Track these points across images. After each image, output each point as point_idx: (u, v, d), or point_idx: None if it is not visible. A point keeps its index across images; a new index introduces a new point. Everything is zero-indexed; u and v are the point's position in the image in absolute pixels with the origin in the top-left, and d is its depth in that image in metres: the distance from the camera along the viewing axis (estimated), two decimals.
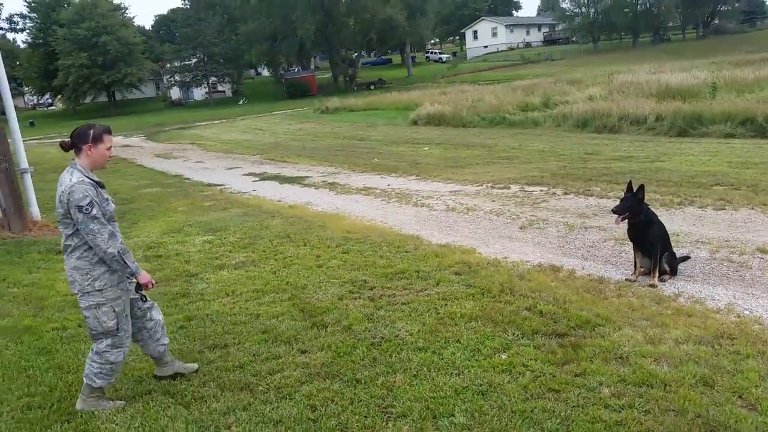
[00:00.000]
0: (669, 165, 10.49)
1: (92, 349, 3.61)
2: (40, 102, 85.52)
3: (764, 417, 2.89)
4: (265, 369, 3.86)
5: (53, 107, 79.51)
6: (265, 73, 79.64)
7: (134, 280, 3.62)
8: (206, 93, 64.13)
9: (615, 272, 5.43)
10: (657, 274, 5.00)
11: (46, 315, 5.25)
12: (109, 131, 3.64)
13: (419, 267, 5.91)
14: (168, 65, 65.33)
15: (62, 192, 3.39)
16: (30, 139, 36.71)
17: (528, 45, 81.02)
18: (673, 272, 5.11)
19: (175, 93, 67.46)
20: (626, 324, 4.15)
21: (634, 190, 5.11)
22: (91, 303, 3.49)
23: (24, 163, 8.65)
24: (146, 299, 3.78)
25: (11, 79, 73.01)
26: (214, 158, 19.03)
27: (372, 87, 56.97)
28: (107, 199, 3.58)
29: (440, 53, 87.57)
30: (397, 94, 39.69)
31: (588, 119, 17.94)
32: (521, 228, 7.36)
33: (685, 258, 5.44)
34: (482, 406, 3.18)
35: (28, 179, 8.72)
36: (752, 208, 7.15)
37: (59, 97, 68.66)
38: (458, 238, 7.05)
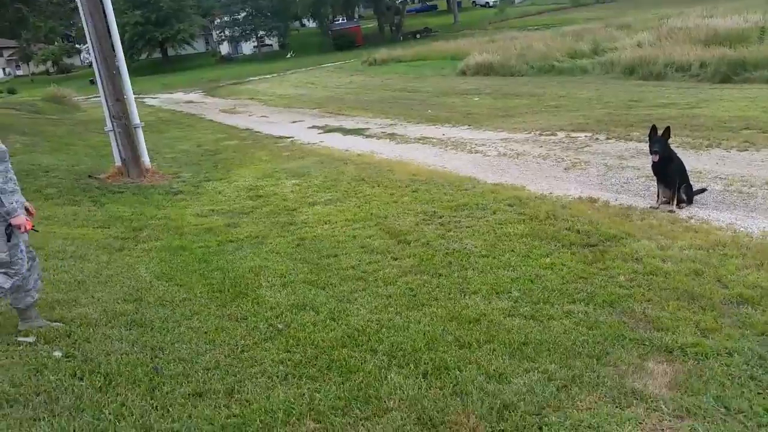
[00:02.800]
0: (706, 111, 11.31)
1: None
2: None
3: (730, 290, 4.12)
4: (370, 269, 5.27)
5: None
6: (309, 24, 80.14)
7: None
8: (254, 47, 65.35)
9: (642, 202, 6.60)
10: (675, 202, 6.16)
11: (188, 238, 6.79)
12: None
13: (478, 201, 7.19)
14: (217, 20, 66.61)
15: None
16: (95, 97, 39.00)
17: None
18: (690, 201, 6.24)
19: (225, 48, 68.93)
20: (644, 237, 5.38)
21: (659, 133, 6.17)
22: None
23: (136, 119, 10.21)
24: (9, 239, 3.84)
25: (66, 37, 75.91)
26: (275, 113, 20.40)
27: (418, 36, 56.97)
28: None
29: None
30: (444, 43, 40.02)
31: (635, 66, 18.47)
32: (565, 169, 8.51)
33: (702, 190, 6.54)
34: (530, 287, 4.52)
35: (140, 133, 10.29)
36: None
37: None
38: (509, 179, 8.27)
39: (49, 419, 2.95)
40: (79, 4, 9.54)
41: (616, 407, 2.91)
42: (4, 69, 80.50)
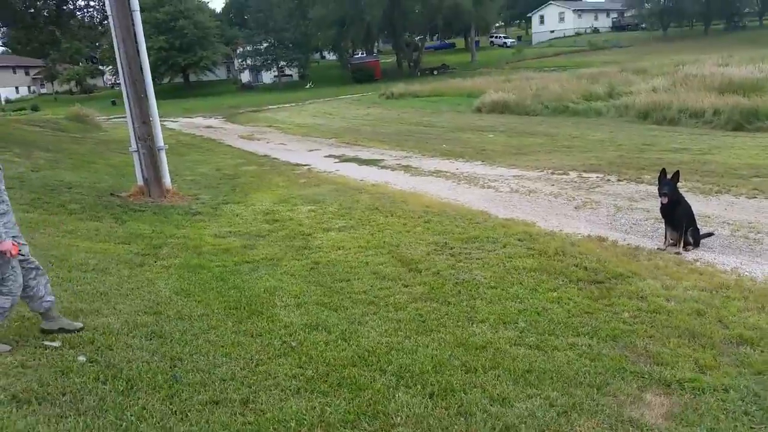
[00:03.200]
0: (717, 158, 11.49)
1: None
2: (118, 81, 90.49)
3: (731, 331, 4.25)
4: (381, 294, 5.44)
5: None
6: (329, 56, 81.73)
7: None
8: (275, 76, 66.69)
9: (650, 243, 6.75)
10: (682, 244, 6.31)
11: (206, 258, 7.00)
12: None
13: (488, 234, 7.37)
14: (240, 49, 68.18)
15: None
16: (116, 117, 39.88)
17: (596, 31, 79.89)
18: (696, 244, 6.38)
19: (246, 76, 70.38)
20: (650, 277, 5.52)
21: (669, 177, 6.35)
22: None
23: (160, 142, 10.55)
24: None
25: (91, 59, 77.82)
26: (293, 140, 20.83)
27: (435, 72, 58.02)
28: None
29: (505, 37, 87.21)
30: (461, 80, 40.75)
31: (649, 111, 18.79)
32: (576, 208, 8.68)
33: (710, 234, 6.68)
34: (537, 319, 4.67)
35: (163, 155, 10.61)
36: None
37: None
38: (521, 215, 8.45)
39: (74, 417, 3.12)
40: (112, 29, 9.98)
41: None
42: (29, 87, 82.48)
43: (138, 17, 10.00)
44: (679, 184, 6.46)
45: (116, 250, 7.02)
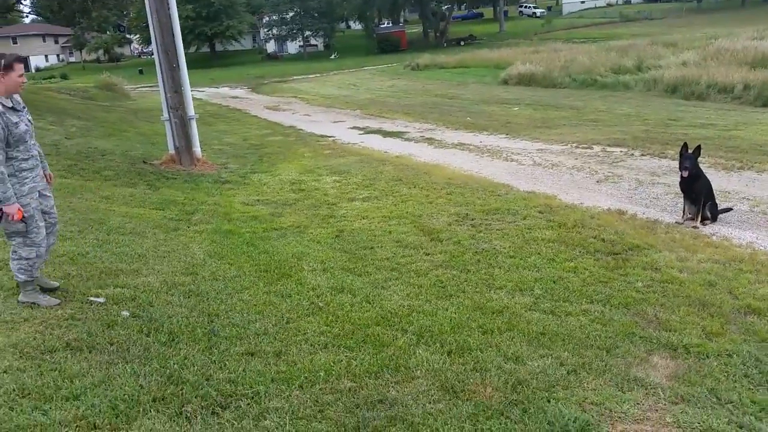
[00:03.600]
0: (743, 134, 11.41)
1: (10, 249, 4.17)
2: (145, 51, 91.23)
3: (740, 301, 4.40)
4: (404, 261, 5.68)
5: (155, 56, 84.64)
6: (355, 26, 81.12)
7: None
8: (300, 46, 66.52)
9: (669, 217, 6.86)
10: (699, 219, 6.41)
11: (236, 224, 7.31)
12: (19, 59, 4.00)
13: (509, 206, 7.53)
14: (266, 19, 68.01)
15: None
16: (143, 86, 40.44)
17: (628, 2, 77.88)
18: (714, 219, 6.48)
19: (271, 46, 70.30)
20: (666, 249, 5.66)
21: (690, 150, 6.42)
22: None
23: (191, 111, 10.83)
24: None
25: (118, 27, 78.31)
26: (318, 112, 20.99)
27: (462, 43, 57.32)
28: (16, 123, 3.93)
29: (535, 7, 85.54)
30: (488, 51, 40.30)
31: (678, 85, 18.54)
32: (598, 182, 8.78)
33: (728, 209, 6.76)
34: (552, 287, 4.87)
35: (194, 124, 10.90)
36: None
37: None
38: (542, 188, 8.57)
39: (122, 364, 3.44)
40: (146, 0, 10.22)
41: (619, 390, 3.26)
42: (58, 56, 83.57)
43: None
44: (701, 160, 6.54)
45: (151, 215, 7.36)
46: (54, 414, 2.84)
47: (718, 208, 6.56)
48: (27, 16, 74.70)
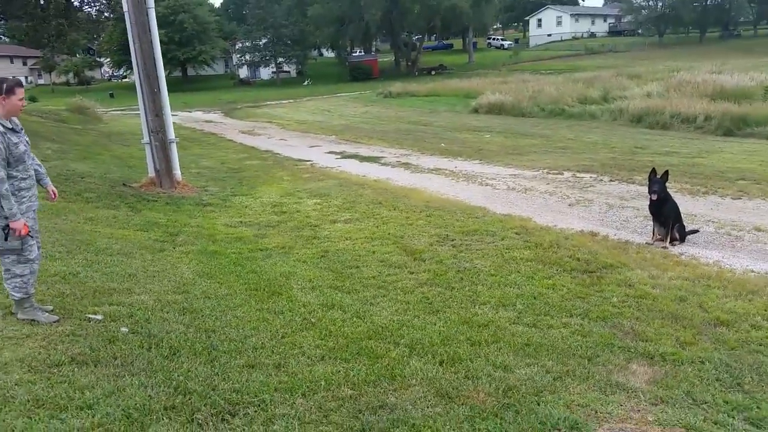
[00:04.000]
0: (706, 161, 11.99)
1: (3, 267, 4.23)
2: (115, 74, 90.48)
3: (710, 314, 4.71)
4: (389, 279, 5.87)
5: (127, 79, 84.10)
6: (327, 54, 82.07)
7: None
8: (273, 73, 66.95)
9: (639, 238, 7.20)
10: (668, 240, 6.77)
11: (221, 245, 7.41)
12: (20, 84, 4.20)
13: (487, 228, 7.80)
14: (239, 45, 68.42)
15: None
16: (114, 110, 40.14)
17: (593, 35, 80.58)
18: (682, 240, 6.85)
19: (244, 72, 70.60)
20: (638, 267, 5.98)
21: (659, 175, 6.79)
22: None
23: (171, 134, 10.92)
24: (6, 238, 4.08)
25: (88, 50, 77.68)
26: (294, 137, 21.18)
27: (433, 72, 58.49)
28: (16, 143, 4.09)
29: (502, 39, 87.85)
30: (458, 81, 41.20)
31: (642, 115, 19.30)
32: (570, 205, 9.13)
33: (695, 231, 7.14)
34: (533, 302, 5.11)
35: (174, 147, 10.99)
36: (764, 199, 8.73)
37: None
38: (517, 211, 8.88)
39: (129, 377, 3.53)
40: (128, 26, 10.35)
41: (602, 394, 3.49)
42: (26, 77, 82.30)
43: (153, 14, 10.38)
44: (668, 185, 6.92)
45: (136, 237, 7.42)
46: (71, 422, 2.93)
47: (686, 230, 6.93)
48: None
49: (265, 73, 69.38)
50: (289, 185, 11.57)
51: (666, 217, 6.77)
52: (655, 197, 6.72)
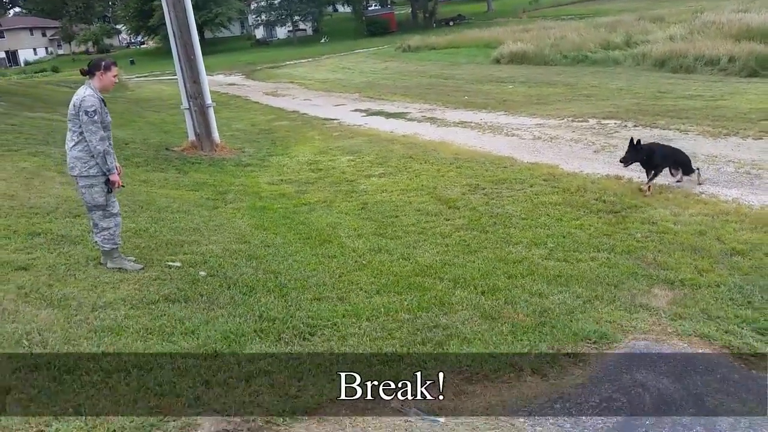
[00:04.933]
0: (729, 103, 12.13)
1: (91, 222, 4.87)
2: (133, 41, 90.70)
3: (726, 245, 5.16)
4: (428, 226, 6.39)
5: (145, 46, 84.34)
6: (343, 9, 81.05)
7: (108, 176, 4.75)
8: (289, 31, 66.57)
9: (662, 180, 7.56)
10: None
11: (267, 201, 7.97)
12: (115, 64, 4.80)
13: (516, 176, 8.23)
14: (254, 5, 67.95)
15: (76, 99, 4.60)
16: (137, 77, 40.65)
17: None
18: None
19: (260, 32, 70.28)
20: (660, 206, 6.40)
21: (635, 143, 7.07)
22: (87, 183, 4.70)
23: (208, 100, 11.42)
24: (110, 191, 4.80)
25: (103, 18, 77.93)
26: (317, 96, 21.49)
27: (451, 23, 57.55)
28: (107, 112, 4.74)
29: None
30: (477, 31, 40.63)
31: (666, 59, 19.17)
32: (595, 152, 9.48)
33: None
34: (563, 241, 5.59)
35: (211, 112, 11.50)
36: None
37: (152, 36, 72.92)
38: (544, 159, 9.26)
39: (217, 309, 4.14)
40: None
41: (627, 312, 4.01)
42: (46, 48, 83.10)
43: None
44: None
45: (189, 196, 8.02)
46: (181, 343, 3.54)
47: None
48: (10, 10, 74.26)
49: (282, 32, 68.97)
50: (321, 144, 12.04)
51: (656, 166, 7.10)
52: (625, 166, 7.20)
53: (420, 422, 2.76)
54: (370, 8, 70.09)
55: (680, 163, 7.22)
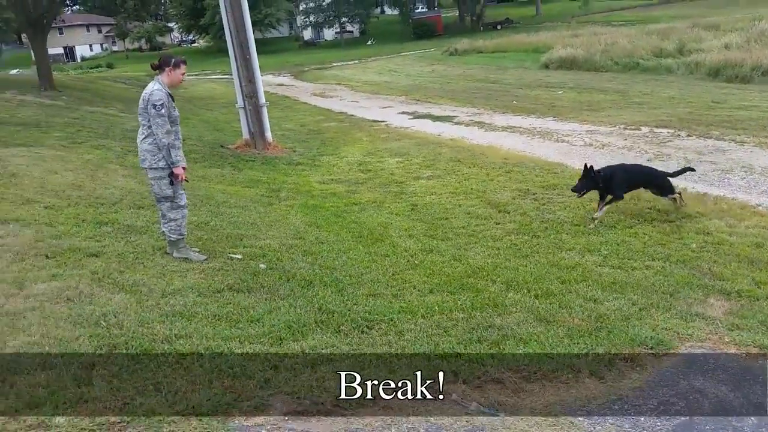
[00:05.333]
0: None
1: (160, 213, 5.09)
2: (185, 39, 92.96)
3: None
4: (478, 229, 6.46)
5: (196, 44, 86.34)
6: (390, 11, 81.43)
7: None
8: (336, 33, 67.28)
9: (716, 190, 7.47)
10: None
11: (319, 200, 8.17)
12: (185, 62, 4.97)
13: (567, 182, 8.19)
14: (303, 6, 68.91)
15: (145, 93, 4.81)
16: (188, 75, 41.75)
17: None
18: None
19: (308, 33, 71.24)
20: (716, 217, 6.32)
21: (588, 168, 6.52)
22: (156, 176, 4.91)
23: (262, 99, 11.73)
24: (173, 183, 4.95)
25: (155, 16, 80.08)
26: (364, 98, 21.71)
27: (499, 27, 57.21)
28: (174, 107, 4.93)
29: None
30: (525, 35, 40.27)
31: (720, 68, 18.69)
32: (648, 160, 9.35)
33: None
34: (617, 248, 5.59)
35: (265, 111, 11.80)
36: None
37: (203, 35, 74.58)
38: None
39: (278, 300, 4.32)
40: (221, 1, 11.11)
41: (683, 321, 4.02)
42: (101, 45, 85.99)
43: None
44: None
45: (245, 193, 8.28)
46: (248, 330, 3.73)
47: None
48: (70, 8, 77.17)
49: (329, 34, 69.75)
50: (369, 145, 12.21)
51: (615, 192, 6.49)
52: (579, 197, 6.60)
53: (480, 417, 2.86)
54: (417, 11, 70.16)
55: (655, 185, 6.73)
